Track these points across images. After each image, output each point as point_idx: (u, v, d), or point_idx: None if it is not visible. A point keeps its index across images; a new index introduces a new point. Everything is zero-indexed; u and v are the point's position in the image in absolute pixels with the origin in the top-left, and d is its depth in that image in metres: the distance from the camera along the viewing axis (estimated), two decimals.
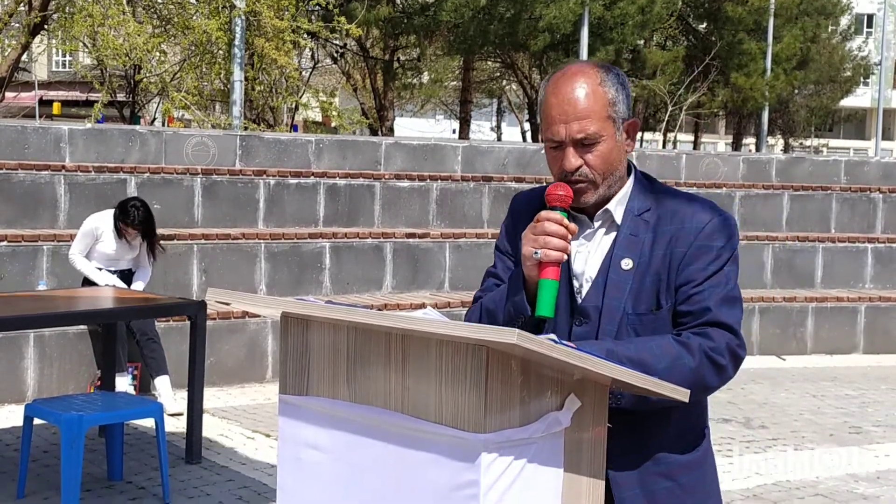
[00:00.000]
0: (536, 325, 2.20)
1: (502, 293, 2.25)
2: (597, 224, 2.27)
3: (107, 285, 6.77)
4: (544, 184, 2.30)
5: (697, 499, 2.26)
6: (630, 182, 2.28)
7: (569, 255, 2.19)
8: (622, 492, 2.18)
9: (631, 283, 2.20)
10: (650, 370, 2.05)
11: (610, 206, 2.25)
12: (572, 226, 2.16)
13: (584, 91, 2.18)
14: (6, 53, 15.79)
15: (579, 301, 2.24)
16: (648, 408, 2.14)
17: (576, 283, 2.25)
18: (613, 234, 2.25)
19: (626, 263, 2.21)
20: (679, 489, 2.23)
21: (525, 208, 2.33)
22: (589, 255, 2.26)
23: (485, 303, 2.31)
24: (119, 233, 6.91)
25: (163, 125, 21.03)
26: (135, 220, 6.83)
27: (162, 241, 7.19)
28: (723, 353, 2.15)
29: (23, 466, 5.13)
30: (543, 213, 2.16)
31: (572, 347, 1.92)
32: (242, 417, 6.89)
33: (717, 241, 2.20)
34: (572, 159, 2.19)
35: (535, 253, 2.12)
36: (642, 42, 25.98)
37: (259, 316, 7.50)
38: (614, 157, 2.22)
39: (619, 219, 2.25)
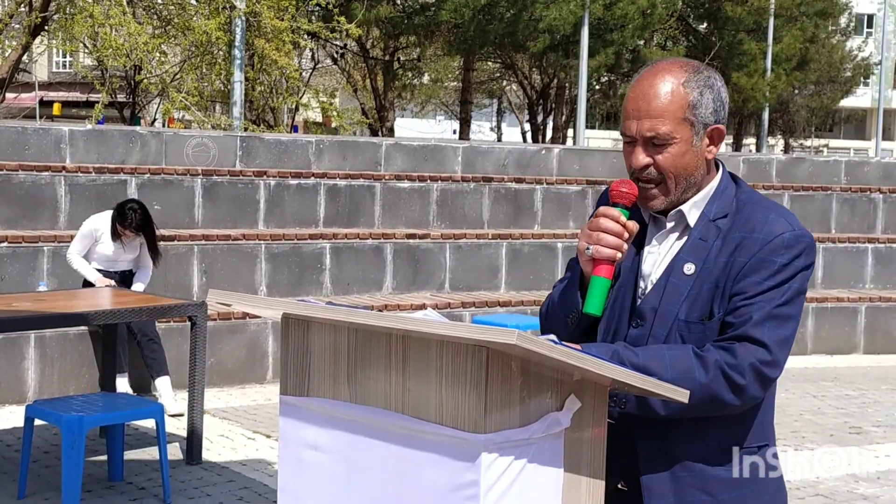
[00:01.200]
0: (592, 324, 2.17)
1: (565, 285, 2.22)
2: (669, 225, 2.20)
3: (106, 286, 6.78)
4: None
5: None
6: (712, 185, 2.19)
7: (639, 258, 2.15)
8: (654, 499, 2.13)
9: (690, 288, 2.13)
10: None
11: (684, 207, 2.18)
12: (630, 224, 2.10)
13: (663, 89, 2.11)
14: (7, 54, 15.79)
15: (639, 303, 2.18)
16: (654, 415, 2.09)
17: (641, 285, 2.19)
18: (685, 238, 2.18)
19: (689, 268, 2.14)
20: None
21: (608, 202, 2.23)
22: (658, 258, 2.20)
23: (553, 293, 2.28)
24: (115, 234, 6.90)
25: (163, 126, 21.03)
26: (132, 222, 6.83)
27: (161, 242, 7.19)
28: (742, 372, 2.05)
29: (23, 467, 5.14)
30: (602, 209, 2.11)
31: (573, 348, 1.93)
32: (243, 418, 6.89)
33: (782, 257, 2.09)
34: (640, 157, 2.13)
35: (588, 248, 2.08)
36: (642, 43, 25.97)
37: (259, 317, 7.50)
38: (688, 162, 2.13)
39: (692, 222, 2.17)
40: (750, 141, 36.93)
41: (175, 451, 5.85)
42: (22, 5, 15.44)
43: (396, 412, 1.95)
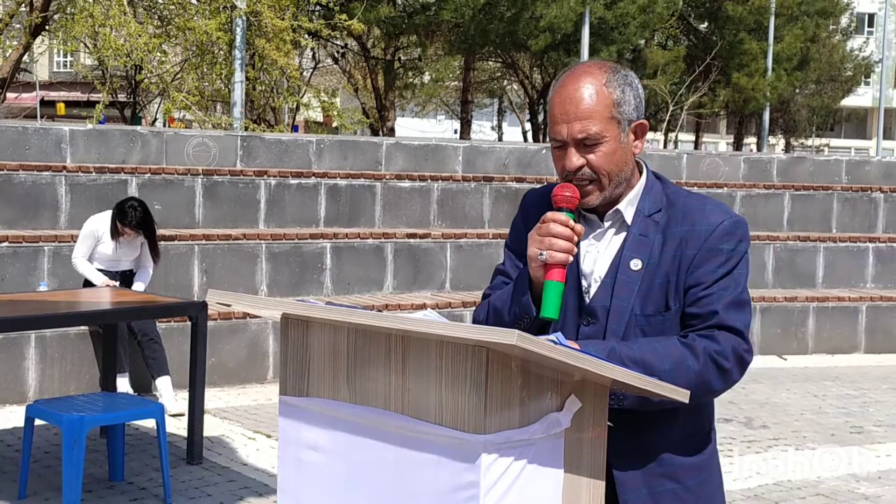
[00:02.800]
0: (542, 326, 2.19)
1: (509, 293, 2.24)
2: (607, 224, 2.26)
3: (107, 285, 6.77)
4: (556, 181, 2.29)
5: (703, 502, 2.25)
6: (641, 182, 2.27)
7: (577, 256, 2.18)
8: (627, 492, 2.18)
9: (640, 283, 2.19)
10: (653, 371, 2.05)
11: (620, 206, 2.24)
12: (578, 227, 2.15)
13: (587, 91, 2.17)
14: (7, 54, 15.80)
15: (587, 301, 2.23)
16: (651, 409, 2.13)
17: (584, 283, 2.24)
18: (623, 235, 2.24)
19: (636, 264, 2.20)
20: (685, 491, 2.22)
21: (535, 207, 2.32)
22: (598, 256, 2.25)
23: (492, 301, 2.30)
24: (115, 233, 6.89)
25: (164, 126, 21.04)
26: (133, 220, 6.83)
27: (161, 242, 7.19)
28: (728, 357, 2.14)
29: (24, 467, 5.13)
30: (549, 214, 2.15)
31: (573, 348, 1.92)
32: (243, 418, 6.89)
33: (728, 244, 2.19)
34: (574, 159, 2.18)
35: (541, 254, 2.11)
36: (643, 42, 25.98)
37: (260, 316, 7.50)
38: (619, 159, 2.20)
39: (629, 219, 2.24)
40: (751, 140, 36.92)
41: (176, 451, 5.85)
42: (22, 5, 15.44)
43: (396, 413, 1.95)
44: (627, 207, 2.24)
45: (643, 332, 2.18)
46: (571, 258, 2.14)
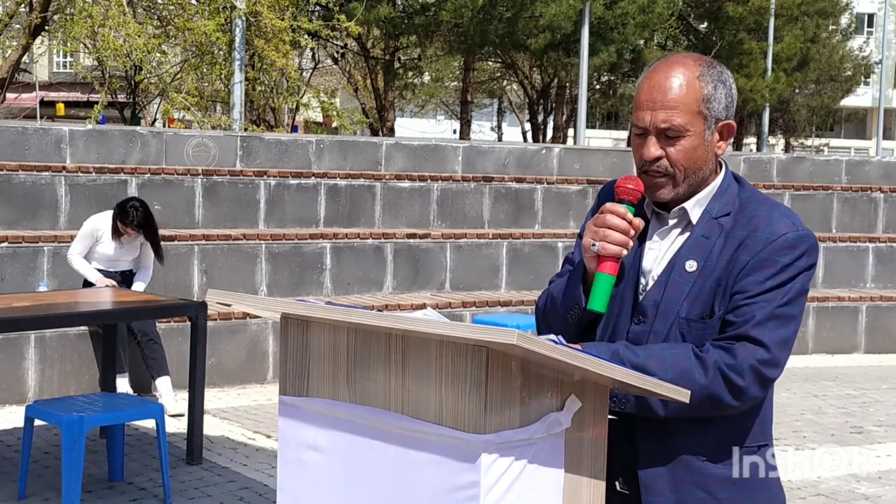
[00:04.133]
0: (593, 320, 2.16)
1: (565, 281, 2.20)
2: (672, 222, 2.19)
3: (106, 286, 6.77)
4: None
5: None
6: (716, 183, 2.19)
7: (640, 252, 2.14)
8: (652, 497, 2.13)
9: (692, 286, 2.12)
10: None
11: (687, 204, 2.17)
12: (636, 220, 2.09)
13: (678, 81, 2.10)
14: (7, 54, 15.79)
15: (641, 299, 2.17)
16: (653, 415, 2.09)
17: (642, 281, 2.18)
18: (687, 235, 2.17)
19: (691, 265, 2.13)
20: (715, 503, 2.14)
21: (608, 198, 2.22)
22: (660, 254, 2.19)
23: (551, 289, 2.26)
24: (116, 233, 6.89)
25: (163, 126, 21.04)
26: (134, 220, 6.83)
27: (161, 242, 7.18)
28: (741, 373, 2.04)
29: (23, 467, 5.13)
30: (608, 205, 2.10)
31: (574, 348, 1.92)
32: (243, 418, 6.89)
33: (786, 257, 2.08)
34: (652, 148, 2.11)
35: (594, 245, 2.07)
36: (643, 42, 25.96)
37: (260, 316, 7.50)
38: (699, 156, 2.12)
39: (695, 219, 2.16)
40: (750, 140, 36.91)
41: (175, 452, 5.85)
42: (22, 5, 15.43)
43: (396, 412, 1.94)
44: (695, 207, 2.17)
45: (683, 336, 2.11)
46: (626, 252, 2.08)
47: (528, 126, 30.64)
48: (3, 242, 7.47)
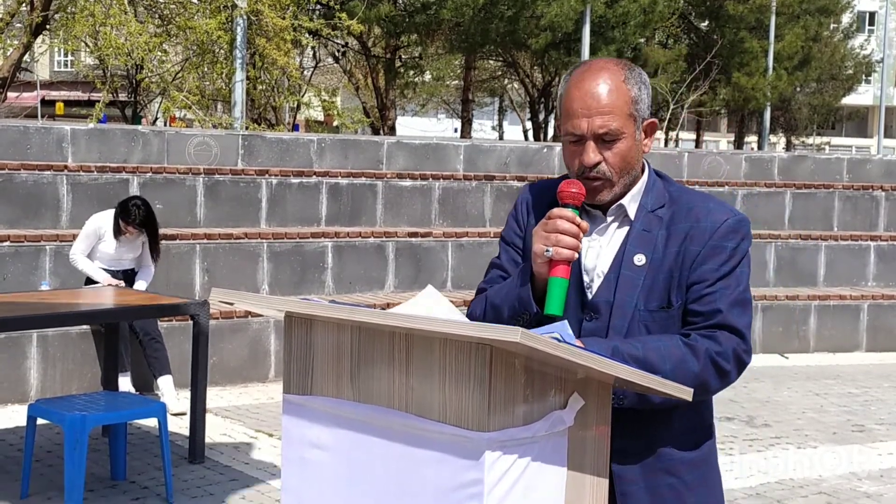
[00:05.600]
0: (540, 322, 2.18)
1: (508, 288, 2.23)
2: (610, 219, 2.26)
3: (109, 285, 6.78)
4: (556, 177, 2.27)
5: (700, 496, 2.26)
6: (644, 178, 2.28)
7: (579, 252, 2.18)
8: (625, 486, 2.19)
9: (643, 279, 2.19)
10: (655, 371, 2.05)
11: (624, 201, 2.24)
12: (584, 224, 2.14)
13: (608, 86, 2.17)
14: (8, 53, 15.79)
15: (590, 296, 2.23)
16: (652, 407, 2.14)
17: (586, 278, 2.24)
18: (626, 230, 2.24)
19: (639, 259, 2.20)
20: (682, 486, 2.23)
21: (537, 201, 2.32)
22: (601, 251, 2.25)
23: (490, 297, 2.29)
24: (117, 231, 6.89)
25: (165, 125, 21.04)
26: (136, 218, 6.83)
27: (163, 241, 7.19)
28: (728, 359, 2.16)
29: (26, 466, 5.14)
30: (556, 211, 2.14)
31: (576, 346, 1.92)
32: (245, 417, 6.89)
33: (731, 242, 2.20)
34: (592, 154, 2.18)
35: (547, 250, 2.10)
36: (644, 41, 25.96)
37: (261, 315, 7.50)
38: (632, 156, 2.21)
39: (632, 214, 2.25)
40: (752, 139, 36.91)
41: (177, 451, 5.85)
42: (23, 4, 15.43)
43: (399, 411, 1.94)
44: (631, 203, 2.25)
45: (647, 328, 2.19)
46: (577, 255, 2.14)
47: (529, 125, 30.63)
48: (5, 242, 7.47)
